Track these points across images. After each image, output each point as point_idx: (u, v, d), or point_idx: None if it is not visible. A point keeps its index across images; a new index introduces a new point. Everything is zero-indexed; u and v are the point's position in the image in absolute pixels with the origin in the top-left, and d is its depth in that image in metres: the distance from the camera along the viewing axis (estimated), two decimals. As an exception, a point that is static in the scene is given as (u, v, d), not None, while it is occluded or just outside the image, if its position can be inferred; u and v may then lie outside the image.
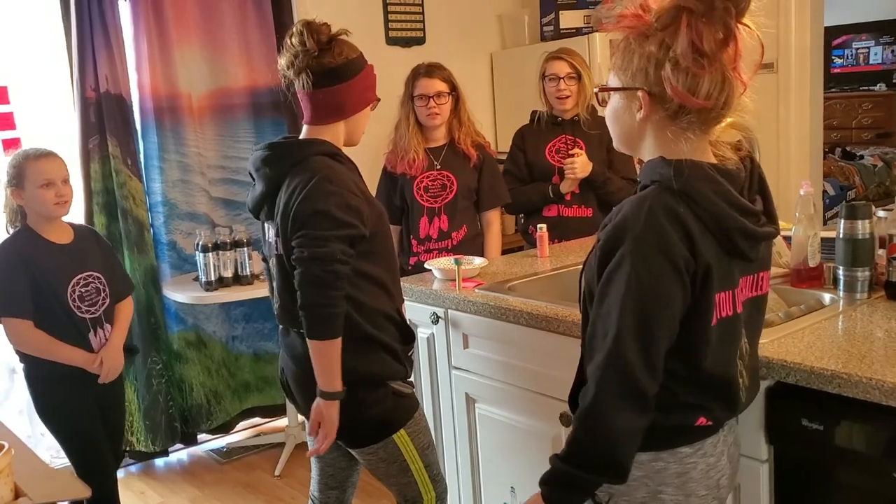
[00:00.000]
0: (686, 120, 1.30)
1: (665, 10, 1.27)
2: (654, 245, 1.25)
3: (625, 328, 1.25)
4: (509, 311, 2.12)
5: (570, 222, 3.18)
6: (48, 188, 2.47)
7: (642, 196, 1.30)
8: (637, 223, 1.26)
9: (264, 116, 3.86)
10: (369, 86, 1.99)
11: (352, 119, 1.98)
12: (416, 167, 2.99)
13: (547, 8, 4.41)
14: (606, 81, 1.40)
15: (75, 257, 2.57)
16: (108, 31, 3.37)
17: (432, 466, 2.06)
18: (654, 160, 1.34)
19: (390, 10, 4.29)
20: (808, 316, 1.87)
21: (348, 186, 1.87)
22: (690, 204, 1.28)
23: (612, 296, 1.27)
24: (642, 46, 1.29)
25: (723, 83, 1.27)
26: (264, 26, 3.81)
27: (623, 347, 1.25)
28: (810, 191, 2.12)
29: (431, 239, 3.05)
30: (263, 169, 1.94)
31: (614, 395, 1.27)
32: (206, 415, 3.81)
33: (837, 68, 8.03)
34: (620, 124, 1.40)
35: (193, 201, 3.71)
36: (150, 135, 3.59)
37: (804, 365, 1.53)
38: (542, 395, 2.10)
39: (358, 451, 2.01)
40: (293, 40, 1.89)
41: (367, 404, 1.94)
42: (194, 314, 3.75)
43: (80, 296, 2.55)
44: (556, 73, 3.10)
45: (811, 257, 2.10)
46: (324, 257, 1.79)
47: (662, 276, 1.25)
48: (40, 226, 2.53)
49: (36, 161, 2.49)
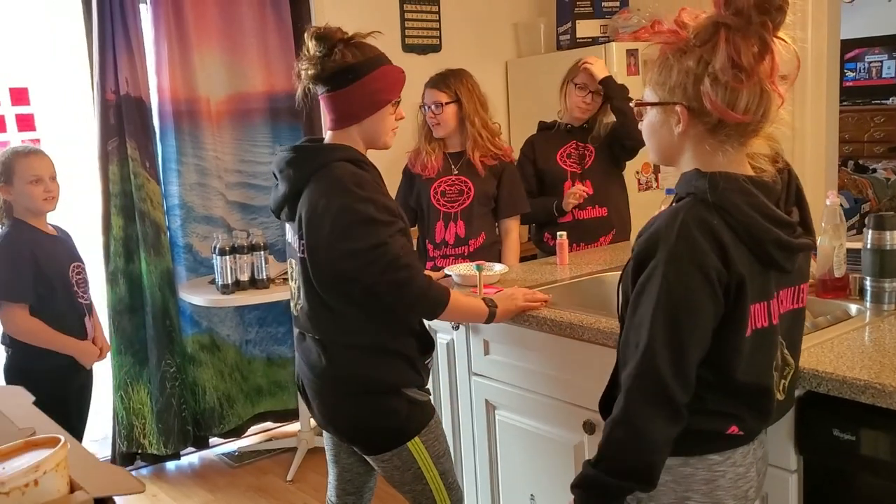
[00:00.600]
0: (724, 133, 1.32)
1: (703, 26, 1.30)
2: (687, 257, 1.26)
3: (656, 338, 1.26)
4: (533, 317, 2.11)
5: (586, 224, 3.20)
6: (37, 184, 2.56)
7: (676, 208, 1.31)
8: (670, 234, 1.27)
9: (281, 121, 3.87)
10: (382, 88, 1.92)
11: (367, 122, 1.93)
12: (429, 170, 3.01)
13: (564, 17, 4.42)
14: (642, 96, 1.42)
15: (66, 247, 2.72)
16: (129, 33, 3.39)
17: (447, 474, 2.05)
18: (690, 172, 1.35)
19: (407, 18, 4.30)
20: (835, 326, 1.86)
21: (377, 189, 1.89)
22: (724, 216, 1.29)
23: (645, 306, 1.28)
24: (680, 62, 1.31)
25: (761, 96, 1.29)
26: (283, 32, 3.82)
27: (654, 357, 1.26)
28: (836, 201, 2.11)
29: (448, 244, 3.04)
30: (287, 171, 1.94)
31: (645, 404, 1.28)
32: (219, 418, 3.80)
33: (849, 81, 8.01)
34: (658, 138, 1.41)
35: (210, 205, 3.72)
36: (169, 138, 3.60)
37: (836, 375, 1.52)
38: (565, 402, 2.09)
39: (372, 458, 2.00)
40: (304, 47, 1.90)
41: (382, 412, 1.93)
42: (209, 317, 3.75)
43: (77, 282, 2.68)
44: (587, 84, 3.12)
45: (837, 268, 2.09)
46: (390, 264, 1.81)
47: (694, 287, 1.26)
48: (29, 220, 2.61)
49: (25, 157, 2.57)
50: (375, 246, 1.81)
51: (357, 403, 1.93)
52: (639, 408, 1.28)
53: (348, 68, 1.88)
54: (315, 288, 1.91)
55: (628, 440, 1.29)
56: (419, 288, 1.86)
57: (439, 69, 3.07)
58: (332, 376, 1.94)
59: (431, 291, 1.89)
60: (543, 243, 3.31)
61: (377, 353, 1.92)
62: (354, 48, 1.89)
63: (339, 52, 1.87)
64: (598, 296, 2.49)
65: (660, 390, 1.26)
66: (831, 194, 2.14)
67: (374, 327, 1.91)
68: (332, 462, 2.18)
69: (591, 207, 3.21)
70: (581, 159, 3.22)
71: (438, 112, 2.95)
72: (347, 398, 1.94)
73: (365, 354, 1.91)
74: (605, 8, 4.36)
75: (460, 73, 2.99)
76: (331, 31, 1.88)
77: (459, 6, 4.48)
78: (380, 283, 1.83)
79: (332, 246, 1.83)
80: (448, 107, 2.94)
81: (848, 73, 7.97)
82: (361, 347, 1.92)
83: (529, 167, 3.26)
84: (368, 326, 1.91)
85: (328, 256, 1.85)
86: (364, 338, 1.91)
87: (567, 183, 3.21)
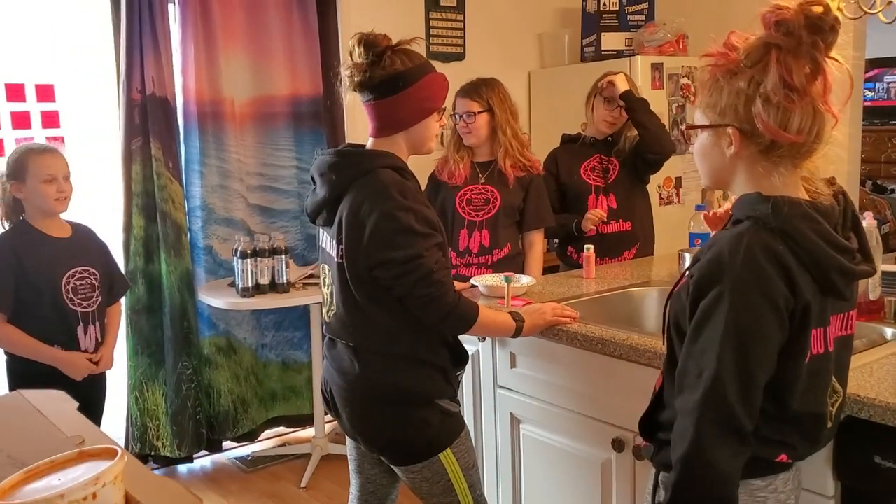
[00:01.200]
0: (777, 155, 1.30)
1: (753, 47, 1.28)
2: (754, 284, 1.24)
3: (723, 368, 1.23)
4: (562, 331, 2.09)
5: (611, 238, 3.19)
6: (50, 183, 2.51)
7: (738, 233, 1.28)
8: (735, 261, 1.25)
9: (304, 126, 3.86)
10: (429, 96, 1.93)
11: (412, 130, 1.94)
12: (456, 177, 3.00)
13: (589, 29, 4.41)
14: (692, 119, 1.42)
15: (71, 250, 2.61)
16: (157, 33, 3.39)
17: (476, 487, 2.03)
18: (751, 196, 1.32)
19: (432, 26, 4.30)
20: (872, 350, 1.83)
21: (420, 199, 1.88)
22: (789, 242, 1.27)
23: (709, 335, 1.25)
24: (731, 83, 1.30)
25: (814, 117, 1.28)
26: (309, 36, 3.81)
27: (722, 387, 1.23)
28: (873, 222, 2.09)
29: (471, 253, 3.03)
30: (329, 174, 1.92)
31: (715, 436, 1.25)
32: (233, 422, 3.78)
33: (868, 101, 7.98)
34: (710, 161, 1.40)
35: (231, 207, 3.71)
36: (193, 139, 3.59)
37: (879, 400, 1.50)
38: (593, 419, 2.06)
39: (402, 468, 1.98)
40: (350, 55, 1.89)
41: (414, 422, 1.91)
42: (226, 320, 3.74)
43: (74, 288, 2.57)
44: (615, 97, 3.13)
45: (871, 290, 2.07)
46: (423, 278, 1.80)
47: (762, 315, 1.24)
48: (38, 221, 2.57)
49: (40, 156, 2.53)
50: (412, 258, 1.80)
51: (389, 413, 1.91)
52: (709, 440, 1.24)
53: (398, 76, 1.87)
54: (352, 294, 1.89)
55: (701, 474, 1.26)
56: (449, 305, 1.85)
57: (463, 78, 3.06)
58: (365, 384, 1.92)
59: (460, 308, 1.88)
60: (567, 257, 3.30)
61: (411, 363, 1.90)
62: (403, 55, 1.89)
63: (389, 60, 1.86)
64: (625, 311, 2.47)
65: (729, 421, 1.24)
66: (868, 215, 2.12)
67: (408, 337, 1.89)
68: (355, 472, 2.15)
69: (616, 222, 3.20)
70: (605, 173, 3.21)
71: (470, 121, 2.93)
72: (380, 407, 1.92)
73: (399, 363, 1.89)
74: (630, 21, 4.34)
75: (492, 83, 2.98)
76: (378, 38, 1.87)
77: (484, 15, 4.47)
78: (411, 295, 1.83)
79: (370, 250, 1.82)
80: (480, 116, 2.93)
81: (867, 93, 7.94)
82: (396, 356, 1.90)
83: (552, 182, 3.24)
84: (403, 335, 1.89)
85: (365, 261, 1.84)
86: (399, 346, 1.89)
87: (591, 196, 3.19)
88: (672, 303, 1.41)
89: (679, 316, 1.34)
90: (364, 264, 1.84)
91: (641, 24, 4.32)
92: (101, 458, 0.86)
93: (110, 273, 2.75)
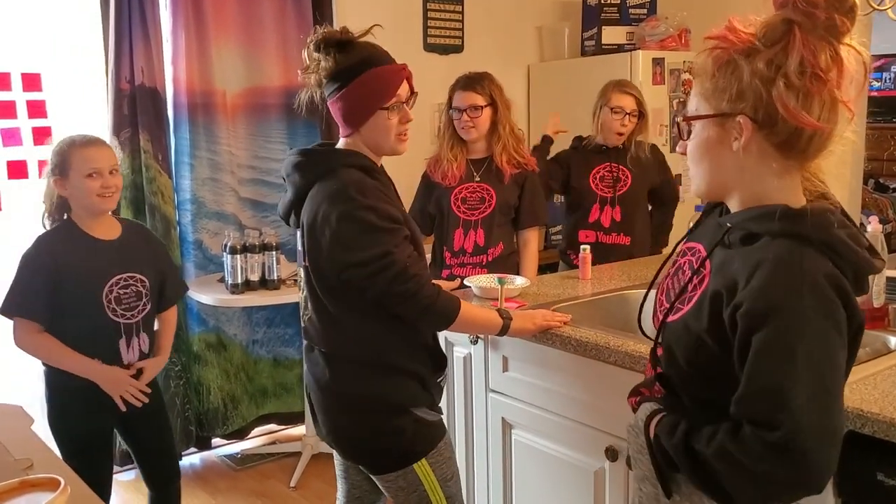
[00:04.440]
0: (797, 150, 1.18)
1: (772, 24, 1.15)
2: (823, 314, 1.12)
3: (812, 405, 1.10)
4: (556, 336, 2.03)
5: (607, 248, 3.17)
6: (94, 178, 2.27)
7: (786, 260, 1.14)
8: (797, 290, 1.11)
9: (297, 118, 3.78)
10: (372, 92, 1.78)
11: (364, 130, 1.82)
12: (450, 178, 2.92)
13: (590, 23, 4.33)
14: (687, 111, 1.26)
15: (117, 255, 2.35)
16: (147, 22, 3.31)
17: (454, 498, 1.95)
18: (774, 208, 1.18)
19: (430, 17, 4.22)
20: (876, 360, 1.77)
21: (380, 198, 1.78)
22: (832, 256, 1.15)
23: (781, 371, 1.11)
24: (746, 65, 1.15)
25: (832, 106, 1.15)
26: (303, 27, 3.73)
27: (813, 428, 1.09)
28: (878, 227, 2.02)
29: (466, 252, 2.96)
30: (293, 175, 1.85)
31: None
32: (223, 419, 3.72)
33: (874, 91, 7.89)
34: (710, 160, 1.24)
35: (222, 200, 3.64)
36: (182, 130, 3.52)
37: (883, 416, 1.44)
38: (587, 425, 2.00)
39: (377, 477, 1.92)
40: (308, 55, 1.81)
41: (388, 431, 1.85)
42: (216, 316, 3.67)
43: (116, 297, 2.32)
44: (623, 108, 3.10)
45: (875, 297, 2.01)
46: (397, 274, 1.73)
47: (836, 346, 1.12)
48: (84, 220, 2.33)
49: (82, 148, 2.29)
50: (382, 255, 1.72)
51: (361, 422, 1.85)
52: None
53: (337, 73, 1.78)
54: (320, 298, 1.83)
55: None
56: (428, 298, 1.77)
57: (460, 70, 2.99)
58: (337, 392, 1.86)
59: (441, 302, 1.80)
60: (567, 256, 3.27)
61: (385, 371, 1.84)
62: (344, 52, 1.78)
63: (331, 59, 1.77)
64: (620, 314, 2.40)
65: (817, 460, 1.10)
66: (872, 220, 2.05)
67: (381, 343, 1.83)
68: (341, 478, 2.10)
69: (617, 234, 3.19)
70: (615, 182, 3.15)
71: (475, 115, 2.85)
72: (351, 415, 1.86)
73: (371, 371, 1.82)
74: (632, 15, 4.27)
75: (490, 76, 2.91)
76: (330, 34, 1.78)
77: (483, 7, 4.39)
78: (388, 293, 1.75)
79: (335, 255, 1.75)
80: (485, 110, 2.86)
81: (874, 83, 7.85)
82: (368, 363, 1.83)
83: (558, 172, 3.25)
84: (376, 342, 1.82)
85: (331, 266, 1.77)
86: (371, 353, 1.83)
87: (595, 206, 3.18)
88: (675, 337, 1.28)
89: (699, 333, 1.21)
90: (331, 270, 1.77)
91: (643, 18, 4.25)
92: (43, 488, 0.79)
93: (163, 277, 2.47)
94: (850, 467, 1.49)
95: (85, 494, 0.84)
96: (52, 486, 0.80)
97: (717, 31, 1.20)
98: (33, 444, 1.04)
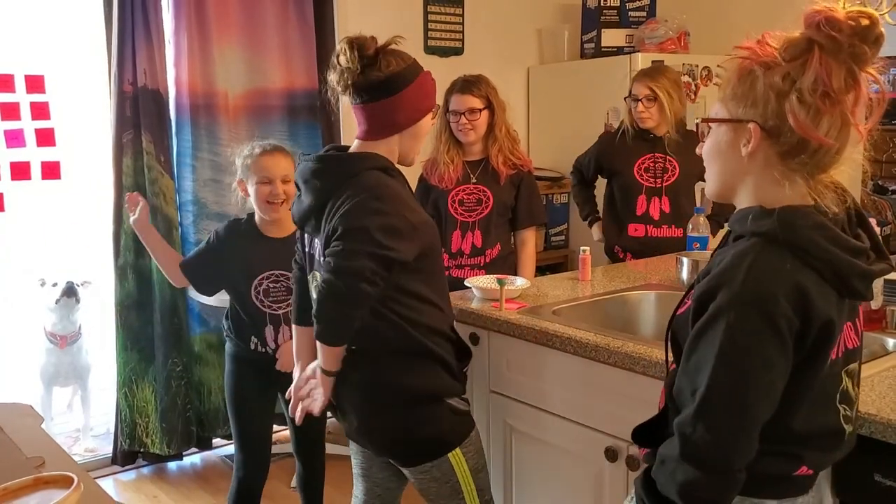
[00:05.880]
0: (798, 161, 1.22)
1: (794, 41, 1.21)
2: (753, 303, 1.16)
3: (714, 390, 1.17)
4: (556, 337, 2.04)
5: (658, 243, 3.14)
6: (265, 185, 2.46)
7: (744, 250, 1.21)
8: (735, 279, 1.18)
9: (299, 119, 3.80)
10: (424, 95, 1.90)
11: (408, 132, 1.90)
12: (446, 180, 2.94)
13: (589, 25, 4.35)
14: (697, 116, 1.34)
15: (278, 252, 2.45)
16: (150, 24, 3.33)
17: (484, 491, 1.99)
18: (752, 210, 1.25)
19: (431, 20, 4.24)
20: (873, 362, 1.78)
21: (397, 208, 1.79)
22: (803, 256, 1.19)
23: (702, 353, 1.19)
24: (765, 76, 1.22)
25: (841, 126, 1.20)
26: (305, 29, 3.76)
27: (713, 409, 1.17)
28: (875, 230, 2.04)
29: (464, 254, 2.98)
30: (313, 181, 1.86)
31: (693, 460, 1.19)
32: (223, 419, 3.73)
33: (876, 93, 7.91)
34: (722, 162, 1.31)
35: (224, 202, 3.64)
36: (185, 132, 3.54)
37: (881, 417, 1.46)
38: (588, 427, 2.02)
39: (410, 469, 1.94)
40: (339, 59, 1.82)
41: (424, 421, 1.87)
42: (217, 316, 3.68)
43: (265, 290, 2.51)
44: (636, 95, 3.12)
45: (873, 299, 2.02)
46: (350, 272, 1.72)
47: (762, 338, 1.16)
48: (260, 217, 2.55)
49: (260, 157, 2.48)
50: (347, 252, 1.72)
51: (398, 413, 1.87)
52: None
53: (395, 77, 1.82)
54: None
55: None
56: (342, 315, 1.76)
57: (460, 73, 3.01)
58: (370, 386, 1.87)
59: (346, 327, 1.77)
60: (615, 255, 3.28)
61: (417, 360, 1.85)
62: (395, 56, 1.84)
63: (384, 62, 1.81)
64: (620, 315, 2.42)
65: (710, 451, 1.17)
66: (872, 222, 2.07)
67: (408, 333, 1.84)
68: (361, 476, 2.11)
69: (668, 227, 3.15)
70: (662, 173, 3.15)
71: (473, 118, 2.87)
72: (387, 408, 1.87)
73: (402, 362, 1.84)
74: (631, 17, 4.29)
75: (485, 79, 2.94)
76: (367, 40, 1.81)
77: (483, 10, 4.41)
78: (326, 278, 1.74)
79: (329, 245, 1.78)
80: (483, 112, 2.88)
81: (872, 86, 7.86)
82: (398, 354, 1.85)
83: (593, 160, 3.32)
84: (403, 333, 1.84)
85: None
86: (399, 344, 1.84)
87: (641, 197, 3.16)
88: (678, 328, 1.34)
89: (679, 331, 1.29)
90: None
91: (642, 21, 4.27)
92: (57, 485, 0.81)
93: None
94: (848, 468, 1.51)
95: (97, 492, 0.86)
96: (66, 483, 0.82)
97: (748, 42, 1.26)
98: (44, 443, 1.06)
